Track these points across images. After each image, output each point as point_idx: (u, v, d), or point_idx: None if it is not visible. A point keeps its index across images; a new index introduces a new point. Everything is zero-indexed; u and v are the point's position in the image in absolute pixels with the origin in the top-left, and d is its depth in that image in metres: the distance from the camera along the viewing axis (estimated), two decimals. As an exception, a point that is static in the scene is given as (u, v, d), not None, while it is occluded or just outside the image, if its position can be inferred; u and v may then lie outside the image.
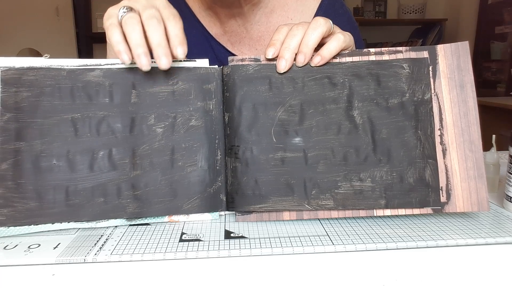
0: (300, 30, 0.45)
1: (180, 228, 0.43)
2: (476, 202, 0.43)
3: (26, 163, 0.42)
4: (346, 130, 0.45)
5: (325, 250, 0.38)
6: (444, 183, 0.43)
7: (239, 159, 0.45)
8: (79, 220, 0.43)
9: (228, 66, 0.46)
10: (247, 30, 0.69)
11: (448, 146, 0.44)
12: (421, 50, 0.45)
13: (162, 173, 0.44)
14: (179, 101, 0.46)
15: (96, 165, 0.43)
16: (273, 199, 0.44)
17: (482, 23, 2.65)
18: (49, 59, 0.44)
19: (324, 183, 0.44)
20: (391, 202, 0.43)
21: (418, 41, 2.90)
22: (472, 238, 0.39)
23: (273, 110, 0.45)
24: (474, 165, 0.43)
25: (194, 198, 0.45)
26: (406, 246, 0.39)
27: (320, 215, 0.44)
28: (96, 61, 0.45)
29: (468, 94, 0.44)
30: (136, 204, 0.44)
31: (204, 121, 0.46)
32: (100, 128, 0.44)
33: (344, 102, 0.45)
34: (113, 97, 0.44)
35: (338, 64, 0.45)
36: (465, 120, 0.44)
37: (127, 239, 0.41)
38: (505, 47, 2.47)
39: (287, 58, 0.44)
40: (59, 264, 0.37)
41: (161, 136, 0.45)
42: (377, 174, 0.44)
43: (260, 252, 0.38)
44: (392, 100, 0.45)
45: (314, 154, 0.44)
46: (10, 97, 0.43)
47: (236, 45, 0.70)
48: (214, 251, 0.38)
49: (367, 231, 0.41)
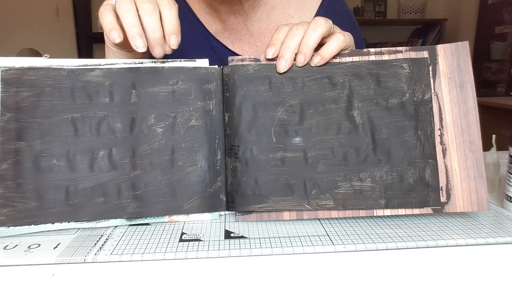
0: (300, 30, 0.45)
1: (180, 228, 0.43)
2: (476, 202, 0.43)
3: (26, 163, 0.42)
4: (346, 130, 0.45)
5: (325, 250, 0.38)
6: (444, 183, 0.43)
7: (239, 159, 0.45)
8: (79, 220, 0.43)
9: (228, 66, 0.46)
10: (247, 27, 0.69)
11: (448, 146, 0.44)
12: (421, 50, 0.45)
13: (162, 173, 0.44)
14: (179, 101, 0.46)
15: (96, 165, 0.43)
16: (273, 199, 0.44)
17: (482, 23, 2.65)
18: (49, 59, 0.44)
19: (324, 183, 0.44)
20: (391, 202, 0.43)
21: (418, 41, 2.90)
22: (472, 238, 0.39)
23: (273, 110, 0.45)
24: (474, 165, 0.43)
25: (194, 198, 0.45)
26: (406, 246, 0.39)
27: (320, 215, 0.44)
28: (96, 61, 0.45)
29: (468, 94, 0.44)
30: (136, 204, 0.44)
31: (204, 121, 0.46)
32: (100, 128, 0.44)
33: (344, 102, 0.45)
34: (113, 97, 0.44)
35: (338, 64, 0.45)
36: (465, 120, 0.44)
37: (127, 239, 0.41)
38: (505, 47, 2.47)
39: (287, 58, 0.44)
40: (59, 264, 0.37)
41: (161, 136, 0.45)
42: (377, 174, 0.44)
43: (260, 252, 0.38)
44: (392, 100, 0.45)
45: (314, 154, 0.44)
46: (10, 97, 0.43)
47: (237, 42, 0.70)
48: (214, 251, 0.38)
49: (367, 231, 0.41)
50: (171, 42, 0.41)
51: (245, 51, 0.70)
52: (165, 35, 0.41)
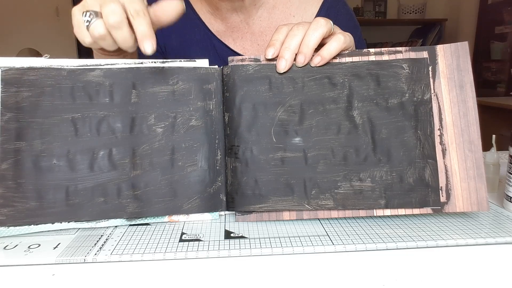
0: (300, 30, 0.45)
1: (180, 228, 0.43)
2: (475, 202, 0.43)
3: (26, 163, 0.42)
4: (346, 130, 0.45)
5: (325, 250, 0.38)
6: (444, 183, 0.43)
7: (239, 159, 0.45)
8: (79, 220, 0.43)
9: (228, 66, 0.46)
10: (249, 25, 0.69)
11: (448, 146, 0.44)
12: (420, 50, 0.45)
13: (162, 173, 0.44)
14: (179, 101, 0.46)
15: (96, 165, 0.43)
16: (273, 199, 0.44)
17: (482, 23, 2.65)
18: (49, 59, 0.44)
19: (324, 183, 0.44)
20: (391, 202, 0.43)
21: (418, 41, 2.90)
22: (472, 238, 0.39)
23: (273, 110, 0.45)
24: (474, 165, 0.43)
25: (194, 198, 0.45)
26: (406, 246, 0.39)
27: (320, 215, 0.44)
28: (96, 61, 0.45)
29: (468, 94, 0.44)
30: (136, 204, 0.44)
31: (204, 121, 0.46)
32: (100, 128, 0.44)
33: (344, 102, 0.45)
34: (113, 97, 0.44)
35: (338, 64, 0.45)
36: (464, 120, 0.44)
37: (127, 239, 0.41)
38: (505, 47, 2.47)
39: (287, 58, 0.44)
40: (59, 264, 0.37)
41: (161, 136, 0.45)
42: (377, 174, 0.44)
43: (260, 252, 0.38)
44: (392, 100, 0.45)
45: (314, 154, 0.44)
46: (10, 97, 0.43)
47: (238, 41, 0.70)
48: (214, 251, 0.38)
49: (367, 231, 0.41)
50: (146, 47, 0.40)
51: (247, 49, 0.70)
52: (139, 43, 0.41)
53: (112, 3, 0.40)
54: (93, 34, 0.41)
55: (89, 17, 0.40)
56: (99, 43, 0.42)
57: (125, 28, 0.40)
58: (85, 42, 0.43)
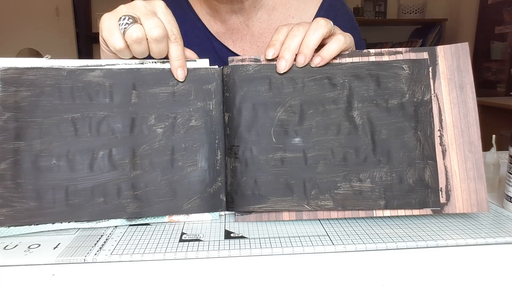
0: (300, 31, 0.45)
1: (180, 228, 0.43)
2: (475, 203, 0.43)
3: (26, 163, 0.42)
4: (346, 131, 0.45)
5: (325, 250, 0.38)
6: (444, 184, 0.43)
7: (238, 159, 0.45)
8: (79, 220, 0.43)
9: (228, 66, 0.46)
10: (248, 27, 0.69)
11: (448, 147, 0.44)
12: (421, 51, 0.45)
13: (162, 173, 0.44)
14: (179, 101, 0.46)
15: (96, 165, 0.43)
16: (272, 199, 0.44)
17: (482, 23, 2.65)
18: (49, 59, 0.44)
19: (324, 184, 0.44)
20: (391, 203, 0.43)
21: (418, 41, 2.90)
22: (472, 238, 0.39)
23: (273, 110, 0.45)
24: (474, 166, 0.43)
25: (194, 198, 0.45)
26: (406, 246, 0.39)
27: (320, 216, 0.44)
28: (97, 61, 0.45)
29: (468, 95, 0.44)
30: (136, 204, 0.44)
31: (204, 121, 0.46)
32: (100, 128, 0.44)
33: (344, 103, 0.45)
34: (113, 97, 0.44)
35: (338, 65, 0.45)
36: (464, 121, 0.44)
37: (127, 239, 0.41)
38: (505, 47, 2.47)
39: (287, 59, 0.44)
40: (59, 264, 0.37)
41: (161, 136, 0.45)
42: (377, 174, 0.44)
43: (260, 252, 0.38)
44: (392, 101, 0.45)
45: (313, 155, 0.44)
46: (9, 97, 0.43)
47: (238, 42, 0.70)
48: (214, 251, 0.38)
49: (367, 231, 0.41)
50: (178, 74, 0.45)
51: (246, 51, 0.70)
52: (172, 68, 0.45)
53: (155, 17, 0.43)
54: (131, 37, 0.42)
55: (128, 20, 0.42)
56: (133, 47, 0.43)
57: (165, 43, 0.44)
58: (116, 47, 0.43)
